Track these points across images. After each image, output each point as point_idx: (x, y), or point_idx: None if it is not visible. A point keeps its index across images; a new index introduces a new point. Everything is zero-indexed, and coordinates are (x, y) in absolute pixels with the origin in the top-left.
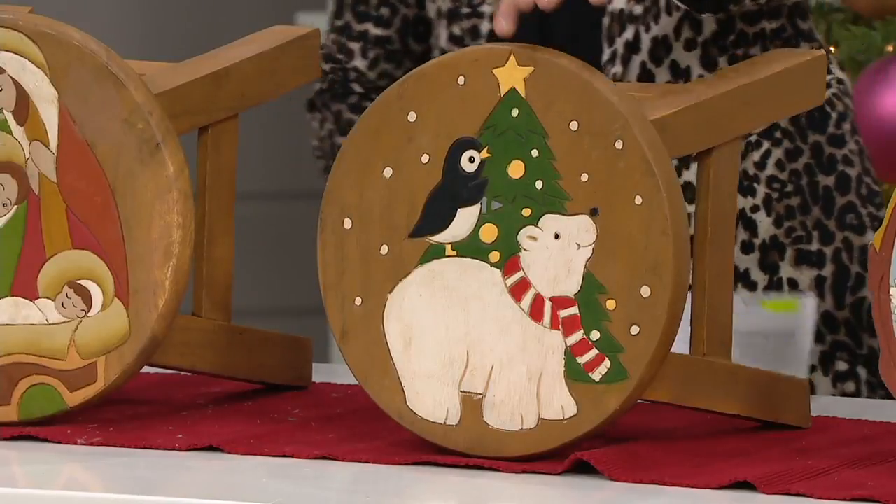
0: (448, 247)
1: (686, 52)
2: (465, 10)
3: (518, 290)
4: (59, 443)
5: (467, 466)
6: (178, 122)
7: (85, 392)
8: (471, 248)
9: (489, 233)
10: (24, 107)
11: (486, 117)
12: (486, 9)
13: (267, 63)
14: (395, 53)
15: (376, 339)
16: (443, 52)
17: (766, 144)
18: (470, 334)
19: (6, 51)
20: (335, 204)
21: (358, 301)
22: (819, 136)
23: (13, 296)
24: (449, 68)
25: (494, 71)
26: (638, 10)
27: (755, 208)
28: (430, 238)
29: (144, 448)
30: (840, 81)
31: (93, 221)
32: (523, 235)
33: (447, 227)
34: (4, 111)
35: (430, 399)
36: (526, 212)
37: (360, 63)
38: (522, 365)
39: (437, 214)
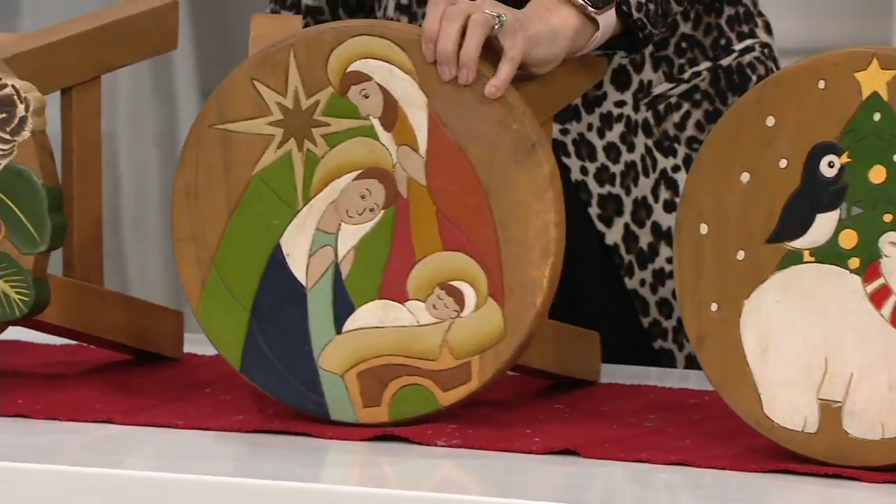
0: (806, 253)
1: None
2: None
3: (879, 297)
4: (420, 444)
5: (826, 475)
6: None
7: (458, 391)
8: (830, 254)
9: (849, 239)
10: (391, 113)
11: (846, 121)
12: None
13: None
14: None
15: (733, 345)
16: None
17: (685, 106)
18: (828, 341)
19: (374, 58)
20: (691, 209)
21: (714, 307)
22: (739, 99)
23: (382, 299)
24: (809, 72)
25: (856, 74)
26: None
27: (676, 168)
28: (788, 244)
29: (502, 451)
30: (764, 45)
31: (465, 223)
32: (884, 241)
33: (805, 232)
34: (371, 118)
35: (787, 406)
36: (887, 217)
37: None
38: (883, 373)
39: (795, 220)
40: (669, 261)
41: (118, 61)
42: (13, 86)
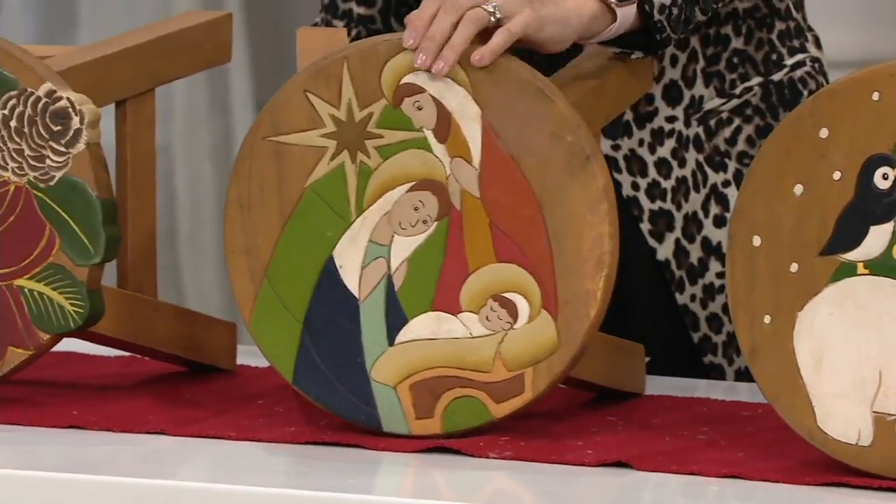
0: (860, 265)
1: None
2: None
3: None
4: (472, 456)
5: (880, 489)
6: None
7: (512, 403)
8: (884, 266)
9: None
10: (445, 125)
11: None
12: None
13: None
14: (377, 33)
15: (786, 357)
16: None
17: (737, 121)
18: (883, 354)
19: (427, 70)
20: (744, 221)
21: (767, 319)
22: (792, 111)
23: (435, 311)
24: (863, 83)
25: None
26: None
27: (726, 183)
28: (842, 256)
29: (554, 463)
30: (815, 60)
31: (519, 235)
32: None
33: (859, 244)
34: (425, 130)
35: (841, 419)
36: None
37: None
38: None
39: (848, 232)
40: (719, 276)
41: (172, 74)
42: (68, 98)
